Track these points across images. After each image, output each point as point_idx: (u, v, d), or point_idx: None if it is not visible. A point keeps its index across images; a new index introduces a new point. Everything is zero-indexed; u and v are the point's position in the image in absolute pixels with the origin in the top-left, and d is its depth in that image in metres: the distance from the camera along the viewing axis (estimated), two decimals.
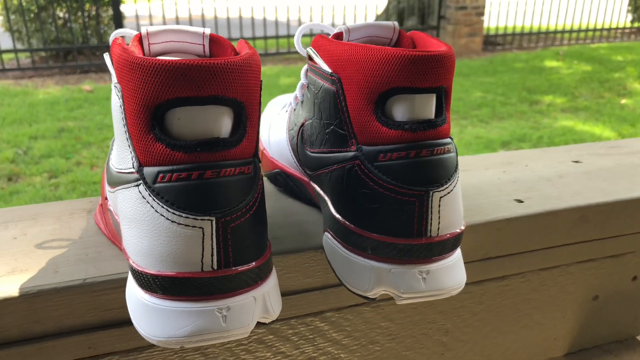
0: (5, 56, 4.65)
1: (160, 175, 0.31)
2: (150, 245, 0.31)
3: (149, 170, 0.31)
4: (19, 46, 4.73)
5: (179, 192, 0.30)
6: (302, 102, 0.44)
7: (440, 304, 0.50)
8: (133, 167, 0.32)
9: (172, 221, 0.30)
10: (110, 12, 4.67)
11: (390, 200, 0.35)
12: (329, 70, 0.37)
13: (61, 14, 4.69)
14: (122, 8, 4.73)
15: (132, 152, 0.32)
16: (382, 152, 0.35)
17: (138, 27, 4.90)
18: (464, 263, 0.47)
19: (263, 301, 0.33)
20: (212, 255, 0.31)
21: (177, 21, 4.97)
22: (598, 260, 0.54)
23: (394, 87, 0.34)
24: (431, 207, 0.35)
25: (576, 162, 0.61)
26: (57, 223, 0.46)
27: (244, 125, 0.32)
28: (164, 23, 5.13)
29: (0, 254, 0.42)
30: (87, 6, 4.68)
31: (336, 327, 0.47)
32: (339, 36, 0.40)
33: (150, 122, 0.30)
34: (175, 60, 0.29)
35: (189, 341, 0.31)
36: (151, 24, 4.51)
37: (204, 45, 0.37)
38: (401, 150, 0.34)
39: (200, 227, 0.30)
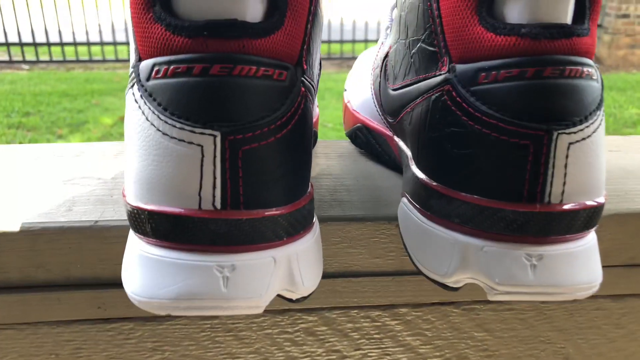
0: None
1: (155, 68, 0.22)
2: (140, 166, 0.23)
3: (144, 64, 0.22)
4: None
5: (175, 92, 0.21)
6: (389, 27, 0.34)
7: (560, 319, 0.36)
8: (133, 62, 0.24)
9: (163, 133, 0.22)
10: None
11: (490, 143, 0.23)
12: None
13: None
14: None
15: (134, 42, 0.23)
16: (484, 69, 0.23)
17: None
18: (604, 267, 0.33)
19: (288, 266, 0.23)
20: (213, 187, 0.21)
21: None
22: None
23: None
24: (554, 157, 0.22)
25: None
26: (97, 161, 0.40)
27: (281, 11, 0.22)
28: None
29: (22, 186, 0.36)
30: None
31: (412, 329, 0.35)
32: None
33: None
34: None
35: (174, 306, 0.22)
36: None
37: None
38: (512, 66, 0.23)
39: (198, 145, 0.21)
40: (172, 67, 0.21)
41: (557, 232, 0.24)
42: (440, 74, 0.26)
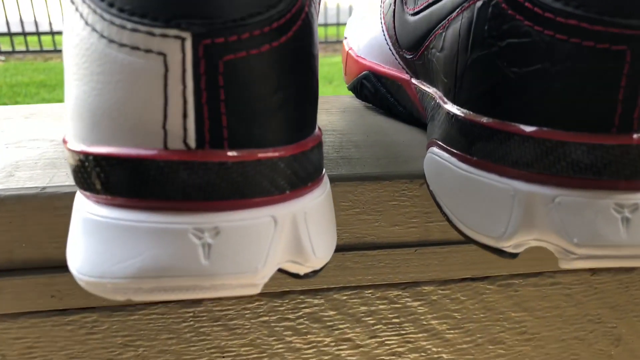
0: None
1: None
2: (79, 95, 0.16)
3: None
4: None
5: None
6: None
7: (613, 294, 0.30)
8: None
9: (110, 40, 0.15)
10: None
11: (566, 53, 0.17)
12: None
13: None
14: None
15: None
16: None
17: None
18: None
19: (294, 228, 0.17)
20: (184, 115, 0.15)
21: None
22: None
23: None
24: None
25: None
26: (54, 121, 0.33)
27: None
28: None
29: None
30: None
31: (438, 311, 0.29)
32: None
33: None
34: None
35: (135, 287, 0.16)
36: None
37: None
38: None
39: (159, 53, 0.15)
40: None
41: None
42: None
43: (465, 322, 0.30)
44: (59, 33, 4.66)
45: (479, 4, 0.19)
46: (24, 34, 4.64)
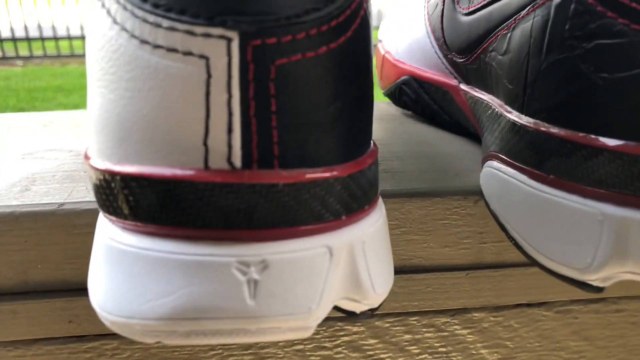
0: None
1: None
2: (105, 105, 0.14)
3: None
4: None
5: None
6: None
7: None
8: None
9: (142, 40, 0.13)
10: None
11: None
12: None
13: None
14: None
15: None
16: None
17: None
18: None
19: (351, 260, 0.15)
20: (229, 130, 0.13)
21: None
22: None
23: None
24: None
25: None
26: (72, 130, 0.31)
27: None
28: None
29: None
30: None
31: (489, 340, 0.27)
32: None
33: None
34: None
35: (169, 330, 0.13)
36: None
37: None
38: None
39: (201, 57, 0.12)
40: None
41: None
42: None
43: (519, 352, 0.27)
44: (76, 38, 4.70)
45: (557, 0, 0.17)
46: (42, 39, 4.69)
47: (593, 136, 0.16)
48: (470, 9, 0.23)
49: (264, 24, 0.12)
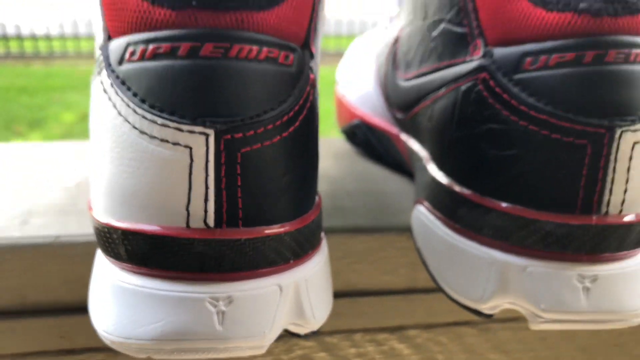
0: None
1: (129, 49, 0.17)
2: (110, 175, 0.18)
3: (115, 44, 0.18)
4: None
5: (155, 78, 0.17)
6: (399, 3, 0.29)
7: (584, 337, 0.33)
8: (101, 41, 0.19)
9: (141, 132, 0.17)
10: None
11: (537, 143, 0.19)
12: None
13: None
14: None
15: (101, 16, 0.19)
16: (531, 53, 0.19)
17: None
18: None
19: (296, 295, 0.19)
20: (205, 199, 0.17)
21: None
22: None
23: None
24: (615, 159, 0.19)
25: None
26: (61, 163, 0.35)
27: None
28: None
29: None
30: None
31: (422, 353, 0.31)
32: None
33: None
34: None
35: (157, 348, 0.18)
36: None
37: None
38: (569, 49, 0.19)
39: (186, 146, 0.17)
40: (151, 46, 0.17)
41: (613, 249, 0.20)
42: (472, 60, 0.21)
43: None
44: (43, 37, 4.62)
45: (463, 87, 0.22)
46: (5, 37, 4.60)
47: (487, 198, 0.21)
48: (408, 76, 0.28)
49: (233, 124, 0.17)
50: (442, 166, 0.24)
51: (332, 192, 0.32)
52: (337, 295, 0.28)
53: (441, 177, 0.23)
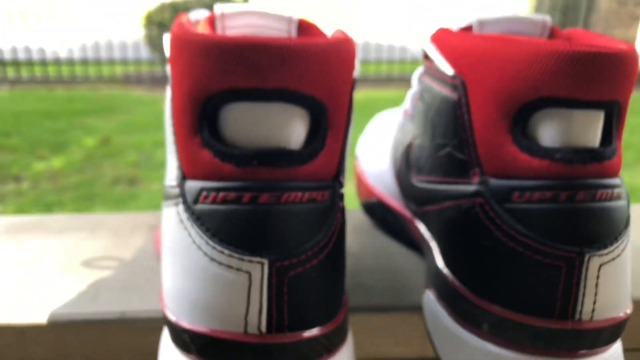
0: (142, 67, 4.98)
1: (203, 193, 0.22)
2: (184, 286, 0.23)
3: (191, 186, 0.23)
4: (155, 58, 5.05)
5: (224, 219, 0.22)
6: (412, 115, 0.34)
7: None
8: (176, 179, 0.24)
9: (212, 258, 0.22)
10: None
11: (524, 262, 0.24)
12: (450, 71, 0.28)
13: None
14: None
15: (177, 159, 0.24)
16: (518, 189, 0.24)
17: None
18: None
19: None
20: (260, 312, 0.22)
21: None
22: None
23: (543, 97, 0.23)
24: (585, 278, 0.23)
25: None
26: (115, 238, 0.40)
27: (323, 134, 0.23)
28: None
29: (47, 268, 0.36)
30: None
31: None
32: (467, 31, 0.30)
33: (199, 120, 0.22)
34: (233, 37, 0.21)
35: None
36: None
37: (290, 31, 0.29)
38: (547, 189, 0.24)
39: (246, 272, 0.22)
40: (221, 194, 0.22)
41: (587, 347, 0.24)
42: (472, 185, 0.26)
43: None
44: (64, 62, 4.75)
45: (464, 206, 0.27)
46: (31, 63, 4.73)
47: (485, 301, 0.26)
48: (420, 179, 0.33)
49: (281, 254, 0.22)
50: (448, 263, 0.29)
51: (355, 269, 0.36)
52: None
53: (447, 273, 0.28)
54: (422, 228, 0.34)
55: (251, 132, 0.22)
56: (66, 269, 0.36)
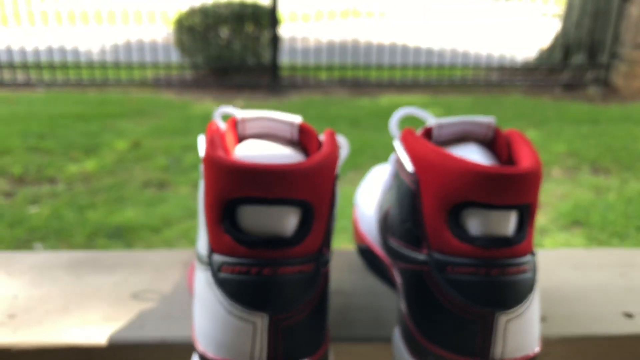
0: (172, 71, 5.12)
1: (224, 266, 0.32)
2: (209, 328, 0.33)
3: (216, 258, 0.33)
4: (184, 62, 5.20)
5: (238, 285, 0.31)
6: (390, 187, 0.44)
7: None
8: (206, 251, 0.34)
9: (229, 311, 0.32)
10: (269, 34, 4.97)
11: (454, 316, 0.33)
12: (411, 169, 0.37)
13: (224, 35, 5.08)
14: (281, 30, 4.98)
15: (207, 237, 0.34)
16: (452, 264, 0.33)
17: (293, 51, 5.13)
18: None
19: None
20: (261, 349, 0.32)
21: (329, 44, 5.14)
22: None
23: (469, 201, 0.33)
24: (496, 330, 0.32)
25: None
26: (155, 273, 0.50)
27: (309, 223, 0.33)
28: (316, 44, 5.32)
29: (102, 298, 0.46)
30: (248, 28, 5.03)
31: None
32: (428, 132, 0.39)
33: (222, 213, 0.32)
34: (246, 163, 0.31)
35: None
36: (306, 46, 4.73)
37: (292, 132, 0.39)
38: (470, 265, 0.33)
39: (252, 322, 0.31)
40: (237, 267, 0.32)
41: None
42: (422, 255, 0.36)
43: None
44: (96, 66, 4.91)
45: (416, 270, 0.36)
46: (66, 67, 4.90)
47: (431, 344, 0.35)
48: (392, 240, 0.42)
49: (278, 311, 0.31)
50: (407, 309, 0.38)
51: (345, 306, 0.46)
52: None
53: (407, 316, 0.37)
54: (396, 275, 0.43)
55: (258, 224, 0.32)
56: (119, 300, 0.46)
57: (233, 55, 5.02)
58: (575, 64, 5.19)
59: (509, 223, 0.33)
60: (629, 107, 4.68)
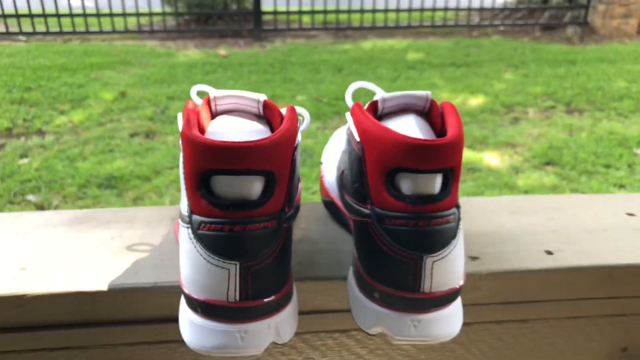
0: (154, 18, 5.05)
1: (202, 224, 0.39)
2: (192, 274, 0.40)
3: (195, 219, 0.40)
4: (166, 10, 5.13)
5: (214, 240, 0.39)
6: (345, 150, 0.51)
7: (459, 337, 0.55)
8: (187, 212, 0.41)
9: (207, 261, 0.39)
10: None
11: (391, 259, 0.41)
12: (358, 138, 0.44)
13: None
14: None
15: (187, 200, 0.41)
16: (388, 217, 0.41)
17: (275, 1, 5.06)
18: (484, 305, 0.52)
19: (276, 328, 0.42)
20: (235, 290, 0.39)
21: None
22: (629, 315, 0.56)
23: (400, 167, 0.40)
24: (424, 269, 0.40)
25: (630, 214, 0.62)
26: (147, 227, 0.58)
27: (272, 188, 0.40)
28: None
29: (102, 252, 0.54)
30: None
31: (361, 344, 0.54)
32: (374, 104, 0.46)
33: (199, 182, 0.39)
34: (217, 141, 0.38)
35: (214, 352, 0.40)
36: None
37: (259, 108, 0.45)
38: (402, 218, 0.40)
39: (227, 268, 0.39)
40: (212, 225, 0.39)
41: (429, 307, 0.42)
42: (367, 209, 0.43)
43: (376, 350, 0.54)
44: (79, 15, 4.83)
45: (363, 222, 0.43)
46: (44, 15, 4.81)
47: (374, 281, 0.43)
48: (346, 196, 0.49)
49: (247, 259, 0.39)
50: (357, 253, 0.46)
51: (310, 251, 0.54)
52: (307, 312, 0.51)
53: (357, 259, 0.45)
54: (352, 225, 0.51)
55: (229, 191, 0.39)
56: (115, 252, 0.53)
57: (215, 1, 4.95)
58: (555, 4, 5.17)
59: (435, 184, 0.41)
60: (605, 47, 4.70)
